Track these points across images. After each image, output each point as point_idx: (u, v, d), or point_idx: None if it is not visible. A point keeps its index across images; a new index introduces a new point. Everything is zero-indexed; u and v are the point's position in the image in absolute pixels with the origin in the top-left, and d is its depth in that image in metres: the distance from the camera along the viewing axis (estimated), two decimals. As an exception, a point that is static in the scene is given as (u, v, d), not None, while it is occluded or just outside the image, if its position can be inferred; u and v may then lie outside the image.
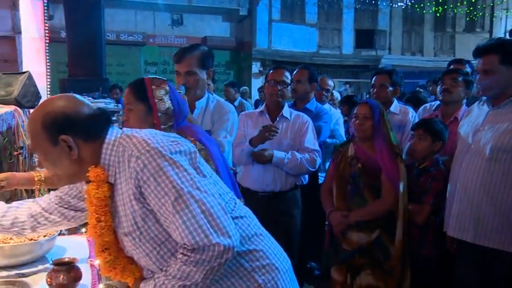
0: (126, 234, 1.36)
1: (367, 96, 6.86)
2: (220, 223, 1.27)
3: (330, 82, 4.71)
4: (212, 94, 2.70)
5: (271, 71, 3.27)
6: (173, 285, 1.29)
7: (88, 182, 1.38)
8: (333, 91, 5.47)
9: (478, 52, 2.41)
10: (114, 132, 1.39)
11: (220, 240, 1.25)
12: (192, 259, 1.26)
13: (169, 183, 1.26)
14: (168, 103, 1.93)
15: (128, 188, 1.31)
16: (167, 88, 1.96)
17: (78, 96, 1.42)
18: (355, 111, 2.90)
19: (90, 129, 1.35)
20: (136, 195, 1.30)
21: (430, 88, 5.98)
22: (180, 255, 1.29)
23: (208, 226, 1.26)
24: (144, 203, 1.31)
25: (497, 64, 2.32)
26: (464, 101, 3.21)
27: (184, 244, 1.27)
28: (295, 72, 3.64)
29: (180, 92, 2.40)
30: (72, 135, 1.33)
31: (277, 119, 3.17)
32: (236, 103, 7.16)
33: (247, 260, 1.40)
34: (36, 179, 2.06)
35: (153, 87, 1.93)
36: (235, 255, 1.31)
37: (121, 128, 1.45)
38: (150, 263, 1.38)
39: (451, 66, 3.76)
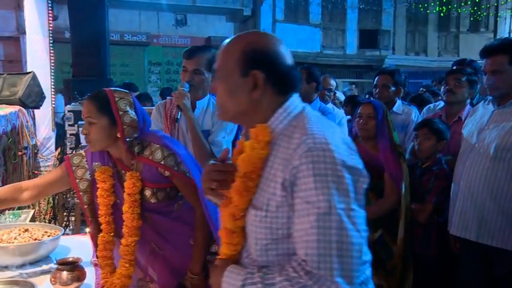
0: (253, 207, 1.24)
1: (367, 96, 6.86)
2: (351, 264, 1.13)
3: (332, 82, 4.71)
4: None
5: None
6: None
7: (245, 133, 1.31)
8: (337, 91, 5.47)
9: (486, 52, 2.40)
10: (297, 103, 1.30)
11: (341, 282, 1.11)
12: (301, 281, 1.13)
13: (326, 195, 1.12)
14: (132, 115, 1.87)
15: (282, 169, 1.18)
16: (131, 99, 1.91)
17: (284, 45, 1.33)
18: (358, 111, 2.90)
19: (282, 78, 1.27)
20: (287, 182, 1.17)
21: (436, 88, 5.97)
22: (291, 269, 1.15)
23: (339, 260, 1.12)
24: (288, 193, 1.17)
25: (507, 64, 2.32)
26: (468, 100, 3.20)
27: (303, 261, 1.14)
28: None
29: (183, 90, 2.41)
30: (265, 75, 1.24)
31: None
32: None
33: None
34: None
35: (116, 99, 1.87)
36: None
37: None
38: (253, 246, 1.26)
39: (455, 67, 3.75)
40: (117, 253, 1.92)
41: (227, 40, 1.32)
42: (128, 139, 1.86)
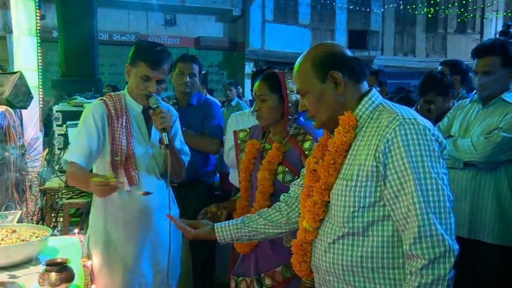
0: (343, 179, 1.40)
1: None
2: (449, 218, 1.28)
3: None
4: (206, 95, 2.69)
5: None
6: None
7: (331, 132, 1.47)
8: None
9: (478, 53, 2.43)
10: (378, 95, 1.46)
11: (445, 234, 1.26)
12: (417, 247, 1.26)
13: (421, 162, 1.28)
14: (297, 95, 2.04)
15: (374, 143, 1.34)
16: None
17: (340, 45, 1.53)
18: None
19: (355, 68, 1.44)
20: (379, 153, 1.32)
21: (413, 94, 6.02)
22: (408, 249, 1.28)
23: (440, 216, 1.27)
24: (380, 164, 1.32)
25: (499, 66, 2.35)
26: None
27: (413, 222, 1.26)
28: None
29: (160, 105, 2.08)
30: (340, 71, 1.42)
31: None
32: (233, 103, 7.26)
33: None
34: None
35: (286, 79, 2.08)
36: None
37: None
38: (339, 215, 1.40)
39: (440, 68, 3.77)
40: None
41: (295, 65, 1.51)
42: (289, 117, 2.08)
